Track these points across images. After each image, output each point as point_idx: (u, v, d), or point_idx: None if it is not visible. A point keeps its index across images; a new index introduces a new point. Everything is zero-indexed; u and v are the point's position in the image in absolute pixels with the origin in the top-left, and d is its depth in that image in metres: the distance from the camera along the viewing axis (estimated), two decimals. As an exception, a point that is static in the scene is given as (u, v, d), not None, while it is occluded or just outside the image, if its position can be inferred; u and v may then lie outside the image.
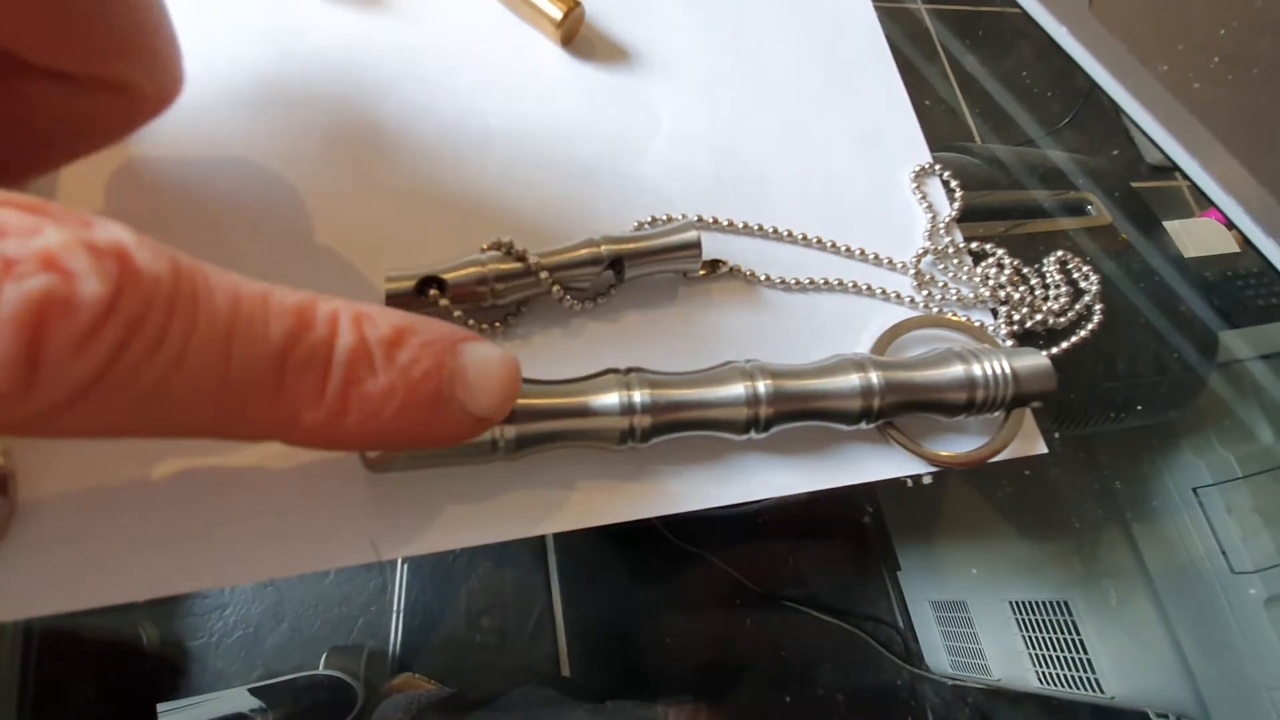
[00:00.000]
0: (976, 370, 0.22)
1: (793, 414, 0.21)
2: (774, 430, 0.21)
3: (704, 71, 0.30)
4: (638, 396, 0.20)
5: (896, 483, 0.24)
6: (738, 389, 0.21)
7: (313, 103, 0.26)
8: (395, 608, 0.43)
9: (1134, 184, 0.37)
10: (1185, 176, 0.31)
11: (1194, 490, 0.41)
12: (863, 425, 0.22)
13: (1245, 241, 0.35)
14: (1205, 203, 0.50)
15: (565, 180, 0.26)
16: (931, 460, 0.23)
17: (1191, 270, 0.36)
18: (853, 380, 0.22)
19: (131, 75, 0.17)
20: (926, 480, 0.23)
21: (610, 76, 0.29)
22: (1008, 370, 0.22)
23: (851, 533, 0.50)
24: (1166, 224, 0.37)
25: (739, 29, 0.31)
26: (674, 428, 0.21)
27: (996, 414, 0.23)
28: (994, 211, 0.32)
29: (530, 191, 0.26)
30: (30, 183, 0.19)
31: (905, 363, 0.22)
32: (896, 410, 0.22)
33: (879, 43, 0.32)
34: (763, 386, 0.21)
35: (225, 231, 0.23)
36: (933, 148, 0.29)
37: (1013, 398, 0.22)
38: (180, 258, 0.12)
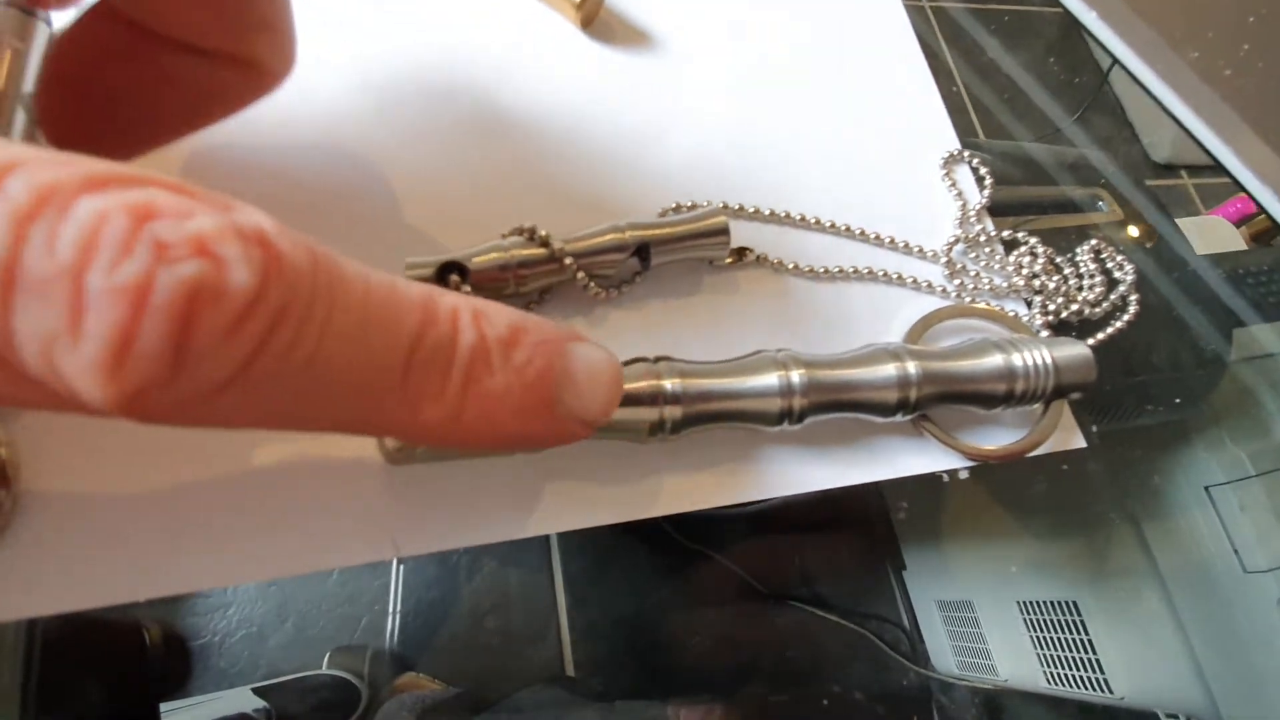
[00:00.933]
0: (1016, 360, 0.21)
1: (827, 405, 0.20)
2: (807, 422, 0.21)
3: (725, 54, 0.29)
4: (668, 386, 0.19)
5: (929, 478, 0.23)
6: (771, 379, 0.20)
7: (327, 87, 0.25)
8: (394, 608, 0.42)
9: (1147, 182, 0.37)
10: (1218, 163, 0.30)
11: (1206, 488, 0.40)
12: (898, 418, 0.21)
13: (1272, 228, 0.34)
14: (1212, 201, 0.50)
15: (584, 166, 0.26)
16: (968, 454, 0.22)
17: (1204, 267, 0.36)
18: (889, 370, 0.21)
19: (260, 51, 0.18)
20: (963, 475, 0.23)
21: (630, 60, 0.28)
22: (1048, 360, 0.21)
23: (857, 532, 0.50)
24: (1175, 222, 0.36)
25: (761, 11, 0.30)
26: (705, 419, 0.20)
27: (1034, 406, 0.23)
28: (1004, 208, 0.32)
29: (548, 177, 0.25)
30: (140, 157, 0.19)
31: (942, 353, 0.22)
32: (933, 402, 0.21)
33: (904, 26, 0.31)
34: (797, 376, 0.20)
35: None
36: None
37: (1053, 389, 0.22)
38: (316, 246, 0.12)
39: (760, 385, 0.20)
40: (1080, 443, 0.23)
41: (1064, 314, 0.25)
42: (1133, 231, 0.35)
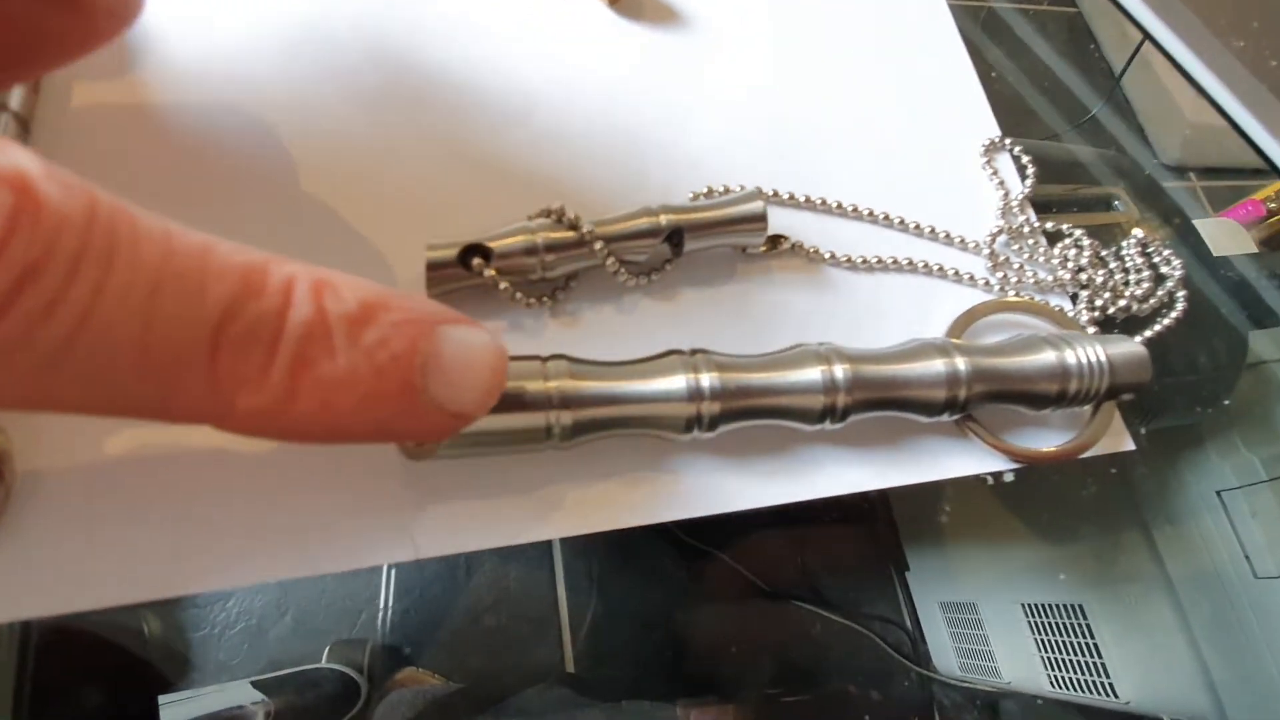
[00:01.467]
0: (1070, 358, 0.20)
1: (872, 403, 0.19)
2: (850, 420, 0.19)
3: (756, 34, 0.28)
4: (705, 380, 0.18)
5: (974, 479, 0.22)
6: (814, 374, 0.19)
7: (346, 61, 0.24)
8: (388, 604, 0.41)
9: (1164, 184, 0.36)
10: (1265, 157, 0.29)
11: (1218, 493, 0.40)
12: (944, 417, 0.20)
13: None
14: (1219, 204, 0.49)
15: (612, 148, 0.24)
16: (1015, 456, 0.21)
17: (1220, 269, 0.35)
18: (937, 367, 0.20)
19: None
20: (1008, 478, 0.22)
21: (660, 38, 0.27)
22: (1102, 358, 0.20)
23: (860, 533, 0.49)
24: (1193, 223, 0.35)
25: (793, -10, 0.29)
26: (743, 415, 0.19)
27: (1084, 407, 0.22)
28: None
29: (574, 160, 0.24)
30: None
31: (992, 349, 0.20)
32: (982, 401, 0.20)
33: (941, 9, 0.30)
34: (840, 372, 0.19)
35: (241, 190, 0.21)
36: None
37: (1106, 389, 0.20)
38: (100, 196, 0.10)
39: (802, 381, 0.19)
40: (1129, 445, 0.22)
41: (1111, 309, 0.24)
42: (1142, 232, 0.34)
